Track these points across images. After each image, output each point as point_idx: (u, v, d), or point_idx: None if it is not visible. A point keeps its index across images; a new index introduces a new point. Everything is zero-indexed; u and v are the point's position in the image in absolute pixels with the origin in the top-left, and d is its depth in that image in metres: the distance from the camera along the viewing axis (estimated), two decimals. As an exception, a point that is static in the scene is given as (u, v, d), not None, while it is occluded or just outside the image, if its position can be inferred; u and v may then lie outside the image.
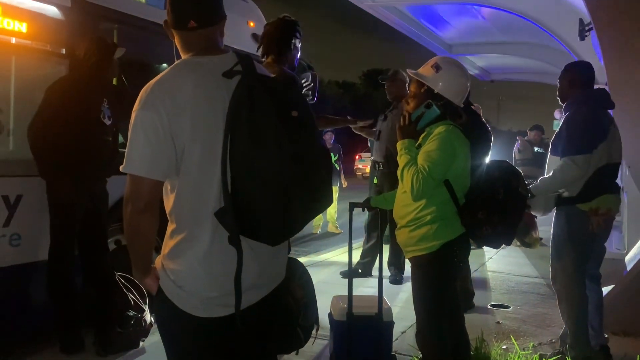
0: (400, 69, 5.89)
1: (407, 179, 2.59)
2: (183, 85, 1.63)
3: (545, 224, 4.31)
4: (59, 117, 3.38)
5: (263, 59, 3.20)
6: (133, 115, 1.63)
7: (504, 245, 2.78)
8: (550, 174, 3.43)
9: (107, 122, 3.61)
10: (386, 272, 5.67)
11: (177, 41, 1.79)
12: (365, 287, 5.26)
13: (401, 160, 2.66)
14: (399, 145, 2.71)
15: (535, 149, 9.03)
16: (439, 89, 2.70)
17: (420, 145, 2.69)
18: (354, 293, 3.41)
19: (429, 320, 2.71)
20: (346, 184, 10.53)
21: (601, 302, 3.60)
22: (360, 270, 5.79)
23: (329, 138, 9.90)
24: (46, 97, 3.43)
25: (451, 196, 2.61)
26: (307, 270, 2.98)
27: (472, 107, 5.16)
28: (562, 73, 3.63)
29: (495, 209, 2.58)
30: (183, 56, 1.77)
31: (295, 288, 2.79)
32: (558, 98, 3.66)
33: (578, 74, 3.57)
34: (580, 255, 3.43)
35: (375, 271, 5.69)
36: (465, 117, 2.76)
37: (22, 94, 3.54)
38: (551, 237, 3.58)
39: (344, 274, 5.74)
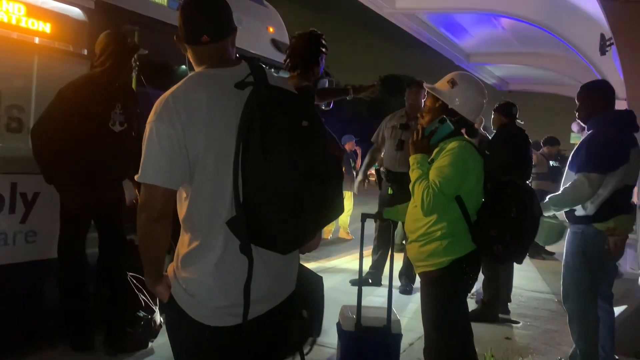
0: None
1: (417, 194, 2.59)
2: (197, 98, 1.66)
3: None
4: (63, 123, 3.28)
5: (290, 73, 3.24)
6: (148, 126, 1.66)
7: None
8: (561, 191, 3.40)
9: (118, 128, 3.45)
10: (397, 282, 5.67)
11: (189, 55, 1.82)
12: (375, 297, 5.25)
13: (413, 174, 2.66)
14: (411, 159, 2.71)
15: (551, 162, 8.88)
16: (453, 105, 2.69)
17: (433, 160, 2.68)
18: (363, 302, 3.40)
19: (436, 337, 2.70)
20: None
21: (613, 323, 3.56)
22: (370, 280, 5.78)
23: (350, 147, 9.90)
24: (55, 100, 3.33)
25: (463, 213, 2.59)
26: (317, 281, 2.87)
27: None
28: (584, 91, 3.58)
29: (508, 227, 2.55)
30: (196, 69, 1.80)
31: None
32: (577, 114, 3.61)
33: (603, 94, 3.52)
34: (593, 274, 3.40)
35: (385, 280, 5.68)
36: (479, 135, 2.75)
37: (43, 94, 3.58)
38: (564, 254, 3.55)
39: (354, 282, 5.75)
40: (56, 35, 3.58)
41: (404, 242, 5.51)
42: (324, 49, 3.22)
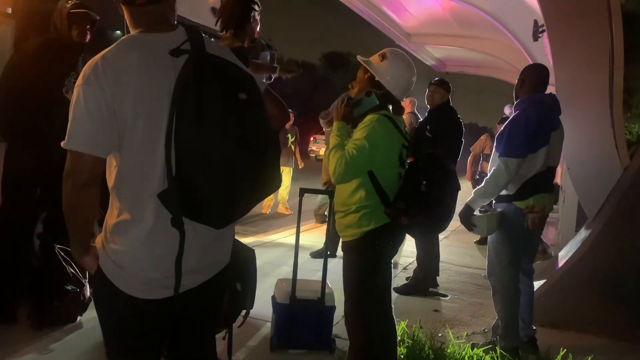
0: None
1: (332, 162, 2.65)
2: (127, 63, 1.59)
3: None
4: (21, 83, 3.26)
5: (222, 34, 3.14)
6: (75, 90, 1.59)
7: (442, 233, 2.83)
8: (483, 183, 3.54)
9: (71, 95, 3.46)
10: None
11: (125, 16, 1.73)
12: (312, 270, 5.32)
13: (331, 141, 2.71)
14: (334, 125, 2.75)
15: None
16: (381, 78, 2.74)
17: None
18: (302, 276, 3.45)
19: (353, 306, 2.75)
20: (302, 164, 10.60)
21: (532, 296, 3.78)
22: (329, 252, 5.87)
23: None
24: (12, 60, 3.33)
25: (374, 186, 2.64)
26: (249, 255, 2.82)
27: (408, 99, 5.39)
28: (520, 73, 3.73)
29: (415, 200, 2.59)
30: (132, 31, 1.72)
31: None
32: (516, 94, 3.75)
33: (529, 76, 3.67)
34: (515, 250, 3.59)
35: (339, 251, 5.81)
36: (403, 111, 2.80)
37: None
38: None
39: (314, 255, 6.00)
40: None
41: None
42: (255, 6, 3.13)
